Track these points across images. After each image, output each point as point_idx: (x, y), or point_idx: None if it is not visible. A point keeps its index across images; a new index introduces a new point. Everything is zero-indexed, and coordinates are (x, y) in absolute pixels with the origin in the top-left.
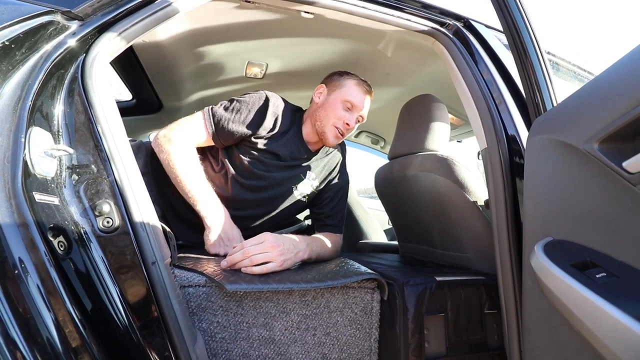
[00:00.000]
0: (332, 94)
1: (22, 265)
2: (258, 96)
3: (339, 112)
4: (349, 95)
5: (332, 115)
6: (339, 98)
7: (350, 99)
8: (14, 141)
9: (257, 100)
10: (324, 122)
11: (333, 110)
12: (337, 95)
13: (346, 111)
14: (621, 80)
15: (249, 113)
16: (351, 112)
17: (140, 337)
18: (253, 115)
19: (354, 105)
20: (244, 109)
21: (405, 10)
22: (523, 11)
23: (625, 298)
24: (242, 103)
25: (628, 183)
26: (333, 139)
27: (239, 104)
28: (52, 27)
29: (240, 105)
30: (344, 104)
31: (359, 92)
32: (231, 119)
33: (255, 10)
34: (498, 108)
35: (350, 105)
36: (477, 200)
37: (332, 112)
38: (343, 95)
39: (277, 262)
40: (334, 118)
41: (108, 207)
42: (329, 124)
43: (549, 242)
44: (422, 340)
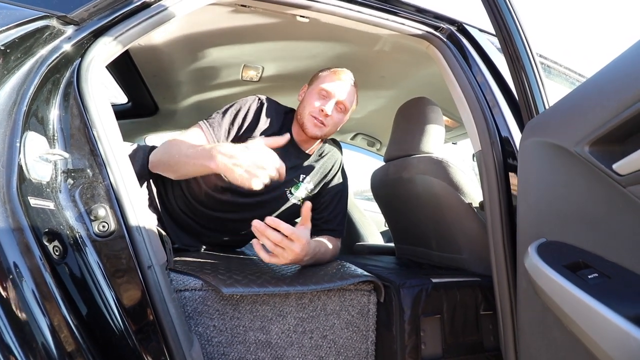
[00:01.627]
0: (309, 88)
1: (16, 270)
2: (249, 99)
3: (314, 101)
4: (322, 83)
5: (308, 105)
6: (314, 89)
7: (323, 87)
8: (9, 146)
9: (248, 102)
10: (302, 114)
11: (309, 101)
12: (313, 87)
13: (321, 99)
14: (611, 84)
15: (238, 112)
16: (326, 99)
17: (136, 341)
18: (243, 115)
19: (328, 91)
20: (234, 109)
21: (399, 14)
22: (515, 14)
23: (616, 298)
24: (234, 105)
25: (618, 185)
26: (312, 127)
27: (230, 107)
28: (47, 31)
29: (232, 106)
30: (319, 93)
31: (332, 78)
32: (221, 118)
33: (251, 14)
34: (491, 111)
35: (325, 93)
36: (472, 202)
37: (309, 102)
38: (317, 84)
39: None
40: (309, 107)
41: (104, 211)
42: (305, 114)
43: (542, 243)
44: (418, 342)
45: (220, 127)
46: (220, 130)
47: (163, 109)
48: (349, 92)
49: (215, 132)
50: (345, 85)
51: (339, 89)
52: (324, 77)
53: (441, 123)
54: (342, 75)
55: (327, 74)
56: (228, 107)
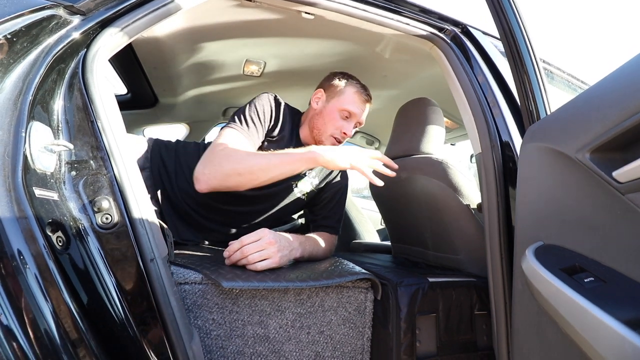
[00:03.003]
0: (330, 101)
1: (20, 257)
2: (266, 97)
3: (337, 122)
4: (347, 104)
5: (330, 125)
6: (337, 106)
7: (348, 109)
8: (14, 135)
9: (268, 101)
10: (322, 131)
11: (331, 119)
12: (336, 103)
13: (344, 120)
14: (613, 92)
15: (264, 113)
16: (349, 121)
17: (137, 333)
18: (269, 115)
19: (352, 114)
20: (261, 111)
21: (404, 14)
22: (520, 19)
23: (612, 302)
24: (257, 105)
25: (617, 192)
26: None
27: (255, 107)
28: (54, 21)
29: (256, 107)
30: (342, 113)
31: (358, 101)
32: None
33: (256, 9)
34: (493, 114)
35: (349, 114)
36: (470, 203)
37: (330, 121)
38: (341, 103)
39: (274, 258)
40: (332, 128)
41: (107, 203)
42: (327, 133)
43: (539, 247)
44: (413, 340)
45: (256, 130)
46: (257, 133)
47: (162, 101)
48: (367, 112)
49: (254, 137)
50: (367, 106)
51: (362, 112)
52: (350, 96)
53: (442, 124)
54: (367, 97)
55: (353, 95)
56: (251, 108)
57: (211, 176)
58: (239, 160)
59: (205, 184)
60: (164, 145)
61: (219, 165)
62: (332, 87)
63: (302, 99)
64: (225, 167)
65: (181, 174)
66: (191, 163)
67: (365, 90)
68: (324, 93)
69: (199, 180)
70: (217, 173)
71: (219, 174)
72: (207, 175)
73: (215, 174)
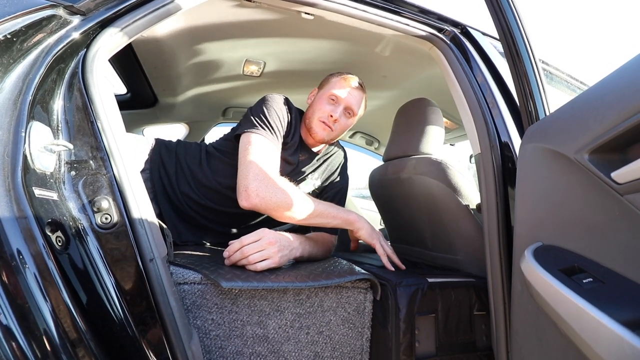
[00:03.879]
0: (319, 92)
1: (20, 256)
2: (279, 99)
3: (323, 107)
4: (332, 89)
5: (318, 110)
6: (324, 94)
7: (333, 92)
8: (14, 135)
9: (282, 104)
10: (311, 118)
11: (319, 105)
12: (323, 92)
13: (330, 104)
14: (613, 93)
15: (283, 117)
16: (336, 105)
17: (136, 332)
18: (286, 121)
19: (337, 97)
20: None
21: (404, 15)
22: (519, 19)
23: (610, 302)
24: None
25: (616, 193)
26: (320, 131)
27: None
28: (54, 21)
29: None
30: (328, 99)
31: (342, 84)
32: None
33: (256, 9)
34: (492, 114)
35: (335, 97)
36: (469, 203)
37: (318, 107)
38: (327, 90)
39: (274, 258)
40: (319, 112)
41: (107, 203)
42: (314, 119)
43: (538, 247)
44: (413, 340)
45: (279, 138)
46: (279, 139)
47: (162, 101)
48: (357, 97)
49: (279, 143)
50: (355, 91)
51: (349, 95)
52: (334, 82)
53: (441, 124)
54: (352, 81)
55: (338, 80)
56: (272, 111)
57: (264, 200)
58: (296, 199)
59: (251, 204)
60: (164, 145)
61: (274, 194)
62: (323, 82)
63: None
64: (281, 199)
65: (182, 176)
66: (192, 165)
67: (353, 77)
68: (317, 89)
69: (250, 198)
70: (270, 200)
71: (272, 202)
72: (261, 197)
73: (268, 201)
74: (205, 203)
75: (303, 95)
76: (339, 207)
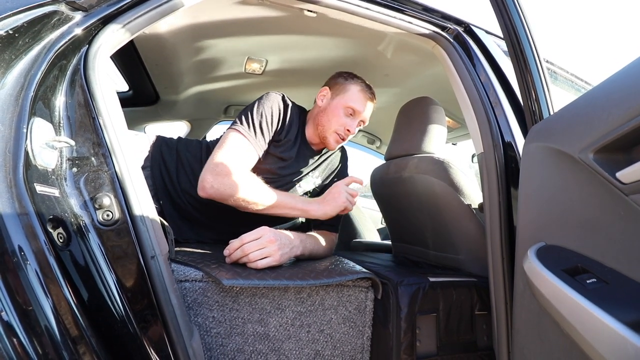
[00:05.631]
0: (335, 98)
1: (21, 253)
2: (274, 98)
3: (341, 119)
4: (352, 102)
5: (334, 121)
6: (341, 103)
7: (352, 106)
8: (16, 131)
9: (276, 103)
10: (326, 127)
11: (335, 116)
12: (340, 100)
13: (348, 117)
14: (618, 93)
15: (272, 116)
16: (353, 118)
17: (138, 330)
18: (277, 118)
19: (356, 111)
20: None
21: (407, 12)
22: (524, 18)
23: (614, 303)
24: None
25: (621, 193)
26: (334, 143)
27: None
28: (56, 17)
29: (264, 110)
30: (346, 110)
31: (362, 98)
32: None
33: (258, 7)
34: (495, 114)
35: (353, 112)
36: (472, 203)
37: (334, 117)
38: (346, 100)
39: (275, 256)
40: (336, 124)
41: (108, 200)
42: (330, 129)
43: (541, 247)
44: (413, 340)
45: (263, 136)
46: (263, 138)
47: (164, 98)
48: (371, 110)
49: (260, 144)
50: (371, 105)
51: (367, 110)
52: (354, 92)
53: (443, 123)
54: (370, 94)
55: (357, 92)
56: (260, 110)
57: (218, 192)
58: (251, 190)
59: (208, 195)
60: (165, 142)
61: (229, 186)
62: (337, 85)
63: (303, 97)
64: (235, 191)
65: (182, 173)
66: (193, 162)
67: (370, 89)
68: (329, 91)
69: (205, 189)
70: (225, 192)
71: (226, 194)
72: (215, 189)
73: (223, 192)
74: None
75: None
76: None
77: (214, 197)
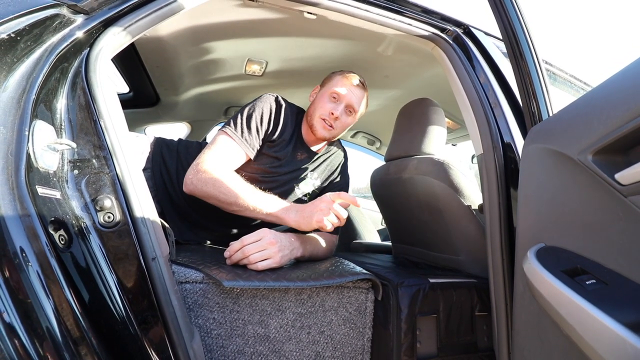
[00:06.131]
0: (321, 90)
1: (23, 254)
2: (266, 99)
3: (325, 104)
4: (335, 87)
5: (319, 107)
6: (326, 92)
7: (335, 90)
8: (17, 134)
9: (267, 104)
10: (312, 116)
11: (320, 103)
12: (325, 89)
13: (332, 102)
14: (617, 94)
15: (262, 117)
16: (337, 102)
17: (138, 331)
18: (267, 119)
19: (339, 94)
20: (258, 115)
21: (406, 14)
22: (522, 19)
23: (613, 304)
24: (255, 109)
25: (620, 194)
26: (321, 129)
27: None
28: (57, 20)
29: (254, 110)
30: (330, 96)
31: (344, 82)
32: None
33: (259, 9)
34: (495, 115)
35: (336, 95)
36: (472, 204)
37: (320, 105)
38: (330, 87)
39: (275, 258)
40: (320, 109)
41: (109, 202)
42: (316, 116)
43: (541, 248)
44: (414, 341)
45: (251, 136)
46: (252, 139)
47: (164, 100)
48: (359, 96)
49: (249, 143)
50: (356, 89)
51: (350, 93)
52: (336, 80)
53: (443, 124)
54: (354, 79)
55: (339, 78)
56: (250, 111)
57: (195, 190)
58: (224, 190)
59: (188, 191)
60: (165, 144)
61: (205, 184)
62: (325, 80)
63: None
64: (209, 190)
65: (182, 174)
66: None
67: (355, 75)
68: (319, 87)
69: (186, 184)
70: (202, 188)
71: (202, 192)
72: (194, 185)
73: (201, 189)
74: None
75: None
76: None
77: (194, 192)
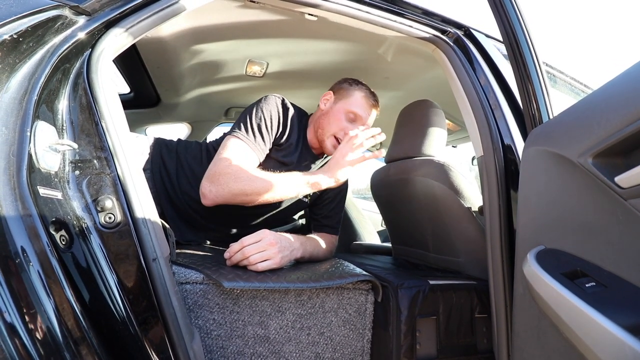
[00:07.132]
0: (338, 102)
1: (24, 254)
2: (273, 101)
3: (341, 123)
4: (354, 107)
5: (335, 125)
6: (343, 108)
7: (354, 110)
8: (19, 134)
9: (275, 106)
10: (326, 131)
11: (336, 119)
12: (343, 104)
13: (349, 122)
14: (617, 97)
15: (272, 120)
16: (354, 124)
17: (139, 331)
18: (277, 122)
19: (358, 116)
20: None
21: (407, 16)
22: (523, 22)
23: (613, 307)
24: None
25: (619, 197)
26: (331, 147)
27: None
28: (59, 21)
29: (263, 114)
30: (348, 115)
31: (365, 105)
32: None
33: (260, 10)
34: (495, 117)
35: (354, 117)
36: (472, 206)
37: (335, 121)
38: (348, 105)
39: (275, 259)
40: (336, 128)
41: (110, 203)
42: (329, 132)
43: (541, 251)
44: (414, 342)
45: (263, 140)
46: (263, 142)
47: (165, 100)
48: (374, 117)
49: (262, 147)
50: (375, 111)
51: (368, 116)
52: (357, 98)
53: (443, 126)
54: (375, 102)
55: (360, 97)
56: (258, 114)
57: (218, 195)
58: (247, 182)
59: (211, 201)
60: (165, 145)
61: (226, 185)
62: (342, 90)
63: (304, 100)
64: (233, 187)
65: (182, 175)
66: (193, 164)
67: (374, 96)
68: (332, 95)
69: (205, 196)
70: (225, 192)
71: (226, 193)
72: (214, 193)
73: (223, 194)
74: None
75: (305, 96)
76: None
77: (217, 201)
